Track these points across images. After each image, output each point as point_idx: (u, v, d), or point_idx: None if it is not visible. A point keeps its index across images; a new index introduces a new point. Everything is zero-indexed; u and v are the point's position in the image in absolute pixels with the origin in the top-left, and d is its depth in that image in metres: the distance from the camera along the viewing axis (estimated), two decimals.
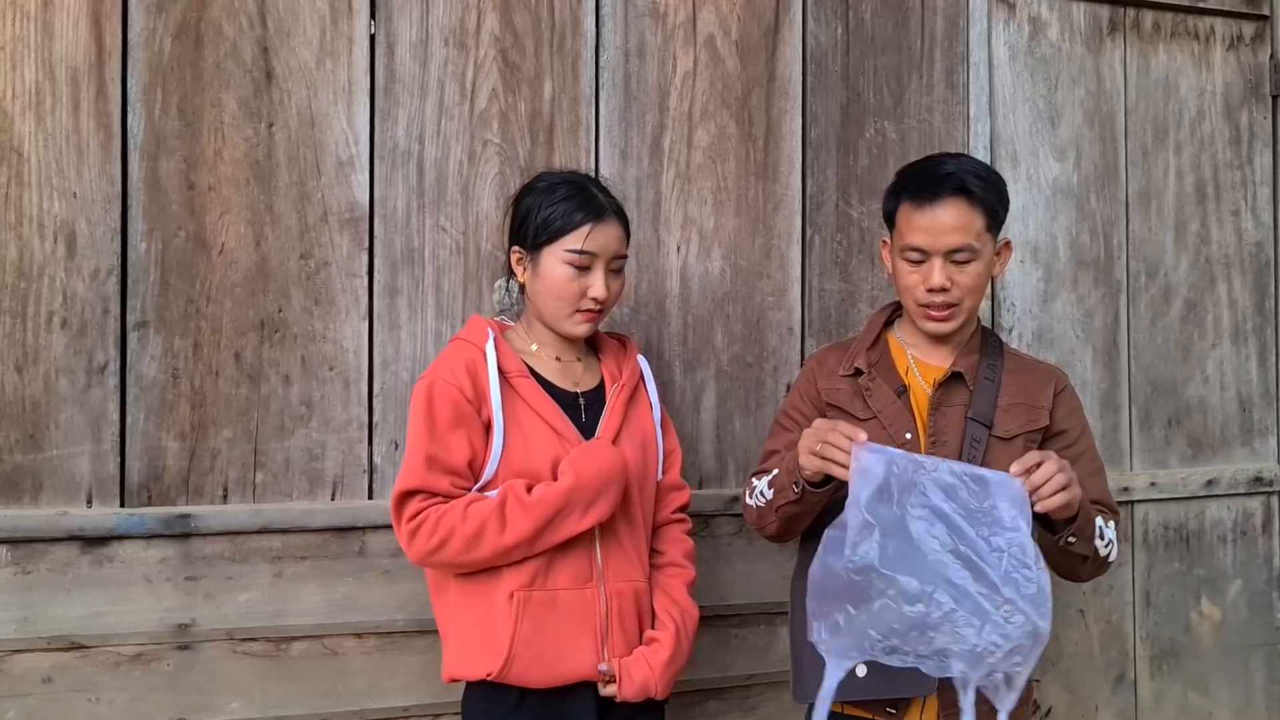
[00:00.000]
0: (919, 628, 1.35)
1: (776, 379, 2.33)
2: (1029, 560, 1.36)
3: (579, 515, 1.66)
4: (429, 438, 1.67)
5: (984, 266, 1.70)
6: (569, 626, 1.69)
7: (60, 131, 1.90)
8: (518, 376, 1.73)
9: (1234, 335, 2.75)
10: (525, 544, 1.65)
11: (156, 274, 1.95)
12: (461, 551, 1.64)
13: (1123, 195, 2.64)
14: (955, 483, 1.40)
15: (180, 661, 1.95)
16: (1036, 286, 2.55)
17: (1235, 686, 2.74)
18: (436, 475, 1.67)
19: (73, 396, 1.91)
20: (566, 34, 2.19)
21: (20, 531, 1.86)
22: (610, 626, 1.72)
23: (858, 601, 1.37)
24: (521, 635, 1.66)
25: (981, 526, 1.37)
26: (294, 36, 2.02)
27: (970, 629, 1.34)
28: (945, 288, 1.67)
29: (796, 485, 1.59)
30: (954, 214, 1.65)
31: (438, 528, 1.64)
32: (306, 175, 2.03)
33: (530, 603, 1.67)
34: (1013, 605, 1.34)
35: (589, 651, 1.70)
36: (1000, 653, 1.33)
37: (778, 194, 2.33)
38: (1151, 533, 2.65)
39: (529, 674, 1.66)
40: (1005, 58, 2.53)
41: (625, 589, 1.75)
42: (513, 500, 1.64)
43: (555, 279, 1.71)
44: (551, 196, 1.73)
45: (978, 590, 1.35)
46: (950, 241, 1.65)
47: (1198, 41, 2.71)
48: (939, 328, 1.72)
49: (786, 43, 2.34)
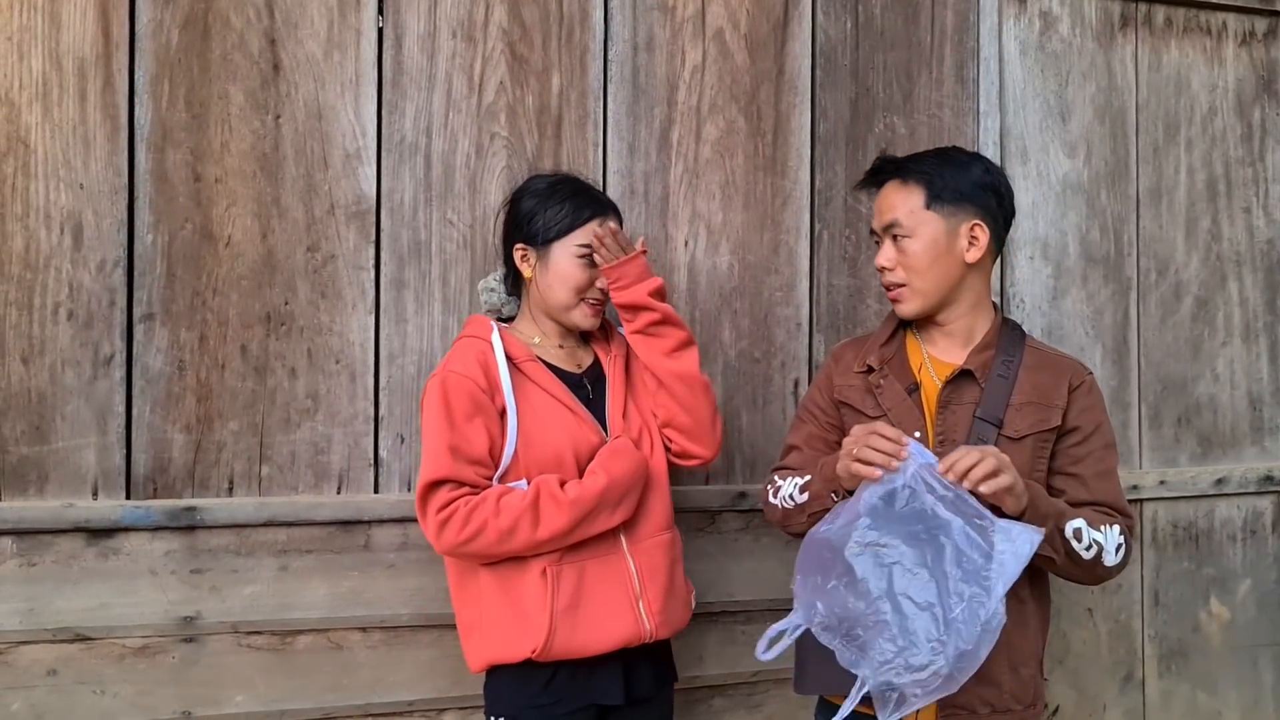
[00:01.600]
0: (852, 620, 1.41)
1: (784, 375, 2.32)
2: (979, 621, 1.36)
3: (609, 513, 1.75)
4: (449, 429, 1.71)
5: (925, 245, 1.68)
6: (602, 592, 1.76)
7: (67, 123, 1.90)
8: (526, 361, 1.81)
9: (1245, 333, 2.73)
10: (559, 539, 1.71)
11: (163, 266, 1.95)
12: (495, 544, 1.69)
13: (1133, 192, 2.62)
14: (961, 522, 1.40)
15: (185, 654, 1.95)
16: (1046, 283, 2.54)
17: (1244, 687, 2.73)
18: (461, 465, 1.70)
19: (79, 388, 1.90)
20: (575, 27, 2.18)
21: (26, 523, 1.86)
22: (644, 584, 1.79)
23: (820, 572, 1.44)
24: (559, 608, 1.72)
25: (961, 570, 1.38)
26: (301, 28, 2.01)
27: (891, 646, 1.38)
28: (886, 267, 1.72)
29: (835, 494, 1.62)
30: (888, 193, 1.73)
31: (469, 520, 1.67)
32: (313, 168, 2.02)
33: (561, 576, 1.73)
34: (941, 648, 1.36)
35: (627, 612, 1.77)
36: (906, 677, 1.37)
37: (786, 189, 2.32)
38: (1160, 531, 2.63)
39: (571, 644, 1.72)
40: (1016, 53, 2.51)
41: (650, 545, 1.82)
42: (546, 497, 1.70)
43: (567, 271, 1.82)
44: (556, 195, 1.84)
45: (922, 618, 1.38)
46: (884, 219, 1.72)
47: (1210, 37, 2.69)
48: (899, 309, 1.75)
49: (796, 37, 2.33)
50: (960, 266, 1.70)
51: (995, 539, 1.38)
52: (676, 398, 1.87)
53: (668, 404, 1.88)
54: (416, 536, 2.04)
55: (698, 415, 1.87)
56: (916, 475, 1.43)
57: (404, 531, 2.05)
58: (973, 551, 1.38)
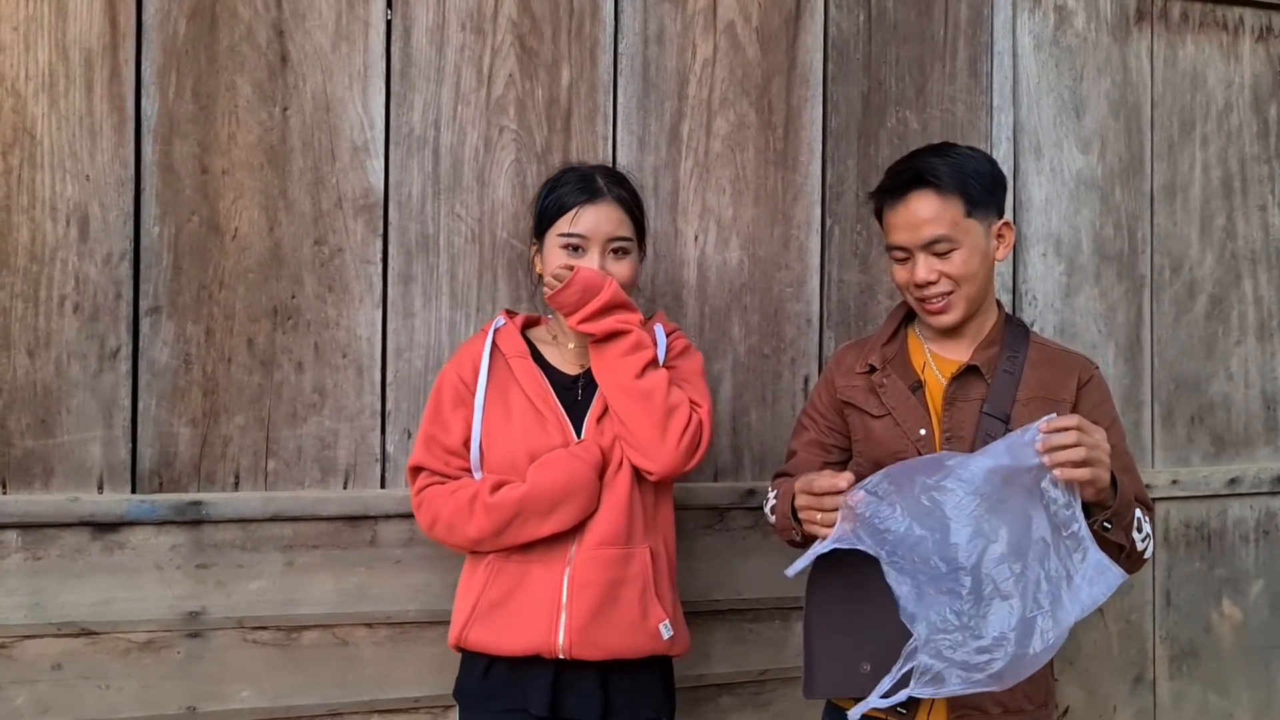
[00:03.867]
0: (922, 577, 1.37)
1: (794, 371, 2.30)
2: (1048, 637, 1.34)
3: (537, 521, 1.68)
4: (432, 419, 1.79)
5: (971, 253, 1.65)
6: (530, 597, 1.70)
7: (73, 114, 1.89)
8: (515, 357, 1.80)
9: (1259, 332, 2.70)
10: (489, 539, 1.70)
11: (169, 259, 1.93)
12: (445, 534, 1.74)
13: (1148, 188, 2.60)
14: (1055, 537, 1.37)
15: (190, 649, 1.94)
16: (1059, 280, 2.51)
17: (1256, 688, 2.70)
18: (434, 453, 1.76)
19: (84, 382, 1.89)
20: (585, 19, 2.16)
21: (31, 517, 1.85)
22: (570, 597, 1.68)
23: (910, 515, 1.38)
24: (485, 601, 1.72)
25: (1048, 582, 1.35)
26: (309, 19, 2.00)
27: (954, 619, 1.35)
28: (931, 281, 1.66)
29: (797, 535, 1.64)
30: (923, 206, 1.64)
31: (430, 507, 1.75)
32: (321, 160, 2.01)
33: (501, 571, 1.73)
34: (1004, 645, 1.33)
35: (542, 620, 1.68)
36: (956, 656, 1.34)
37: (797, 183, 2.30)
38: (1173, 531, 2.61)
39: (484, 639, 1.72)
40: (1030, 47, 2.49)
41: (588, 558, 1.69)
42: (478, 498, 1.70)
43: (551, 264, 1.76)
44: (555, 184, 1.81)
45: (1000, 609, 1.35)
46: (925, 234, 1.64)
47: (1226, 32, 2.66)
48: (940, 320, 1.70)
49: (808, 30, 2.31)
50: (993, 267, 1.72)
51: (1079, 567, 1.36)
52: (613, 406, 1.72)
53: (611, 413, 1.73)
54: (423, 533, 2.03)
55: (634, 427, 1.69)
56: (911, 471, 1.41)
57: (410, 527, 2.03)
58: (1061, 566, 1.36)
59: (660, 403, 1.69)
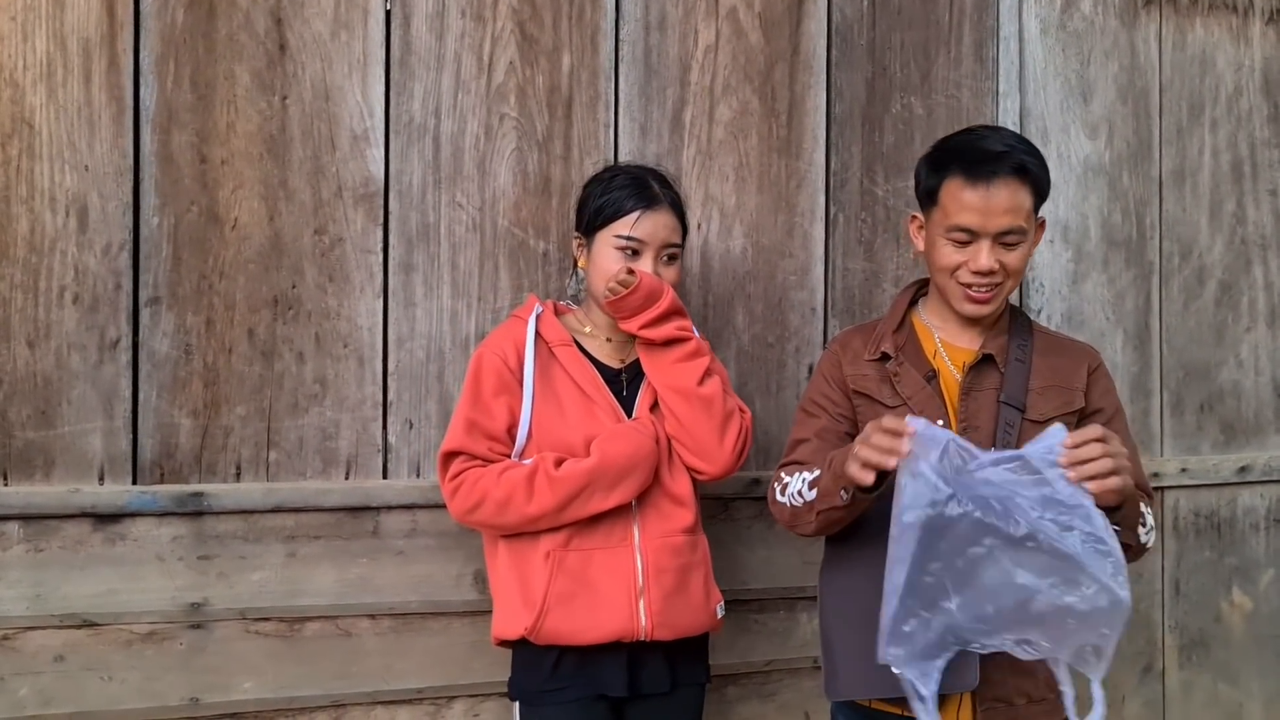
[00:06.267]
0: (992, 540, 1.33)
1: (798, 360, 2.29)
2: (1101, 533, 1.32)
3: (603, 494, 1.73)
4: (472, 404, 1.78)
5: (1029, 249, 1.66)
6: (603, 584, 1.74)
7: (72, 104, 1.88)
8: (560, 345, 1.82)
9: (1269, 318, 2.67)
10: (550, 515, 1.72)
11: (169, 249, 1.92)
12: (494, 515, 1.73)
13: (1156, 174, 2.57)
14: (1009, 476, 1.35)
15: (193, 641, 1.93)
16: (1066, 267, 2.49)
17: (1266, 677, 2.68)
18: (476, 439, 1.76)
19: (85, 372, 1.89)
20: (586, 6, 2.14)
21: (32, 509, 1.85)
22: (648, 582, 1.75)
23: (947, 554, 1.34)
24: (555, 592, 1.72)
25: (1046, 510, 1.33)
26: (308, 7, 1.98)
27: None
28: (994, 270, 1.62)
29: (845, 491, 1.50)
30: (1008, 195, 1.59)
31: (474, 489, 1.73)
32: (320, 149, 2.00)
33: (565, 562, 1.74)
34: (1090, 580, 1.33)
35: (623, 607, 1.74)
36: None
37: (801, 171, 2.28)
38: (1182, 520, 2.59)
39: (563, 630, 1.72)
40: (1036, 32, 2.46)
41: (662, 545, 1.78)
42: (541, 473, 1.72)
43: (604, 263, 1.79)
44: (608, 185, 1.83)
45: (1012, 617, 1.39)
46: (1002, 223, 1.60)
47: (1236, 15, 2.63)
48: (979, 310, 1.66)
49: (811, 16, 2.29)
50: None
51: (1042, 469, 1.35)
52: (673, 410, 1.80)
53: (667, 415, 1.81)
54: (426, 523, 2.02)
55: (695, 431, 1.79)
56: (947, 445, 1.36)
57: (413, 518, 2.02)
58: (1039, 489, 1.35)
59: (720, 409, 1.80)
